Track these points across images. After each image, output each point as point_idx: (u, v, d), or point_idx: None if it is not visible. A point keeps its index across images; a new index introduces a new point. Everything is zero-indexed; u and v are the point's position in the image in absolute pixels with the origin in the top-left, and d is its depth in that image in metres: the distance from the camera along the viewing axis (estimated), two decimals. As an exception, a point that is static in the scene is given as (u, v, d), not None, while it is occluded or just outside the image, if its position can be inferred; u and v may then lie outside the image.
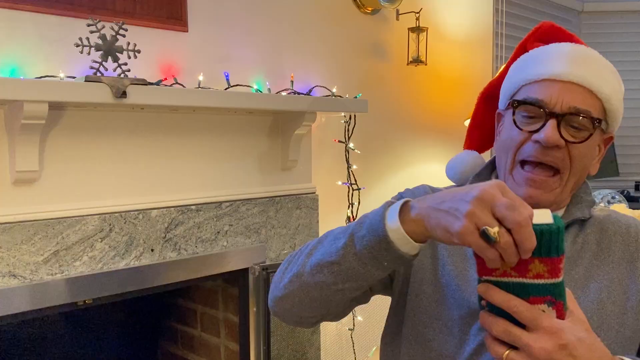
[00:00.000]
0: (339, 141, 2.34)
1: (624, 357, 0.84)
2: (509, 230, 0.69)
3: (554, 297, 0.77)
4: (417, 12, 2.59)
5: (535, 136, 0.95)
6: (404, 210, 0.79)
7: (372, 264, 0.81)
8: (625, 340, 0.93)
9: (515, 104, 0.99)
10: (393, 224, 0.78)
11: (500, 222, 0.69)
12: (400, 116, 2.72)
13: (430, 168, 2.90)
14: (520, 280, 0.76)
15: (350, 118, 2.33)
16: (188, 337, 2.30)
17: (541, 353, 0.74)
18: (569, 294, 0.79)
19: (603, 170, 3.59)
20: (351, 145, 2.34)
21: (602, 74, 0.97)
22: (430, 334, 0.96)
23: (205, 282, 2.11)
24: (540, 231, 0.72)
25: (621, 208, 3.03)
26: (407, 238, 0.77)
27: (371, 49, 2.57)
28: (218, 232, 1.91)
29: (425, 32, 2.61)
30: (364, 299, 1.05)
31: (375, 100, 2.49)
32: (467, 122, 2.60)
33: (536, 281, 0.75)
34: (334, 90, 2.16)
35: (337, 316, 1.01)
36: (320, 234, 2.24)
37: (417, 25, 2.60)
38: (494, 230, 0.69)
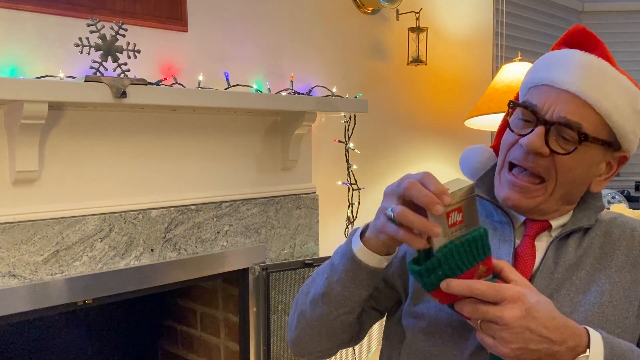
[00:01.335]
0: (339, 141, 2.34)
1: (587, 327, 0.85)
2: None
3: None
4: (417, 12, 2.59)
5: (521, 140, 0.95)
6: (365, 231, 0.89)
7: (352, 285, 0.90)
8: None
9: (511, 105, 1.00)
10: (357, 245, 0.88)
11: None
12: (400, 116, 2.72)
13: (430, 168, 2.90)
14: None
15: (350, 118, 2.33)
16: (188, 337, 2.30)
17: (513, 321, 0.79)
18: (508, 265, 0.87)
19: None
20: (351, 145, 2.34)
21: (605, 87, 0.94)
22: (430, 341, 0.96)
23: (205, 282, 2.11)
24: (473, 239, 0.81)
25: (621, 208, 3.03)
26: (372, 254, 0.87)
27: (371, 49, 2.57)
28: (218, 232, 1.92)
29: (425, 32, 2.60)
30: (380, 317, 1.09)
31: (375, 100, 2.49)
32: (467, 122, 2.61)
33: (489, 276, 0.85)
34: (334, 90, 2.16)
35: (352, 340, 1.05)
36: (320, 234, 2.25)
37: (417, 25, 2.59)
38: (388, 210, 0.80)
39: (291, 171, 2.14)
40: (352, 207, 2.35)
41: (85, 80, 1.46)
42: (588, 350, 0.82)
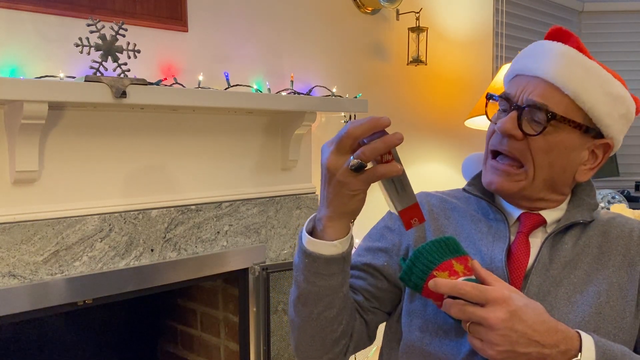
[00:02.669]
0: (339, 141, 2.34)
1: (579, 331, 0.85)
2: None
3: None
4: (417, 12, 2.59)
5: (495, 126, 1.00)
6: (315, 227, 0.90)
7: (316, 279, 0.90)
8: (622, 344, 0.93)
9: (488, 97, 1.04)
10: (305, 239, 0.89)
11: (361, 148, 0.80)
12: (400, 116, 2.72)
13: (430, 168, 2.90)
14: (464, 280, 0.86)
15: (350, 118, 2.33)
16: (188, 337, 2.30)
17: (497, 322, 0.80)
18: (494, 276, 0.88)
19: (603, 170, 3.59)
20: (351, 145, 2.34)
21: (572, 70, 0.96)
22: (427, 338, 0.97)
23: (205, 282, 2.11)
24: (440, 239, 0.89)
25: (621, 208, 3.03)
26: (321, 242, 0.87)
27: (371, 49, 2.57)
28: (218, 232, 1.91)
29: (425, 32, 2.60)
30: (388, 318, 1.08)
31: (375, 100, 2.49)
32: (467, 122, 2.60)
33: (469, 275, 0.88)
34: (334, 90, 2.16)
35: (361, 341, 1.04)
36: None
37: (417, 25, 2.59)
38: (351, 160, 0.80)
39: (291, 171, 2.14)
40: (352, 207, 2.35)
41: (85, 80, 1.46)
42: (580, 354, 0.82)
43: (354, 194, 0.83)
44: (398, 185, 0.83)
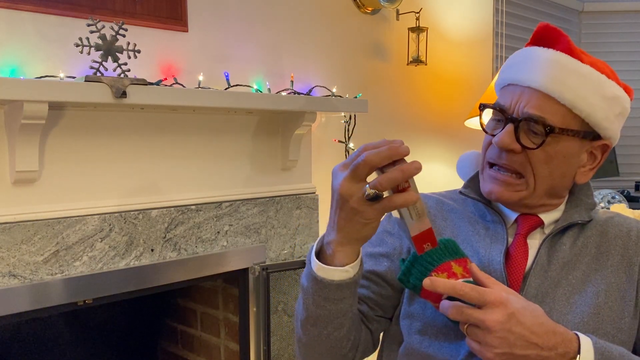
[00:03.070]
0: (339, 141, 2.34)
1: (578, 333, 0.85)
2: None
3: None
4: (417, 12, 2.59)
5: (493, 139, 0.98)
6: (323, 249, 0.87)
7: (326, 303, 0.89)
8: (621, 345, 0.92)
9: (481, 107, 1.03)
10: (315, 265, 0.87)
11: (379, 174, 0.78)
12: (400, 116, 2.72)
13: (430, 168, 2.90)
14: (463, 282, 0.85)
15: (350, 118, 2.33)
16: (188, 337, 2.30)
17: (494, 324, 0.79)
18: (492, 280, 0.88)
19: (603, 170, 3.58)
20: (351, 145, 2.34)
21: (565, 79, 0.94)
22: (426, 340, 0.97)
23: (205, 282, 2.11)
24: (443, 241, 0.88)
25: (621, 208, 3.03)
26: (332, 268, 0.85)
27: (371, 49, 2.57)
28: (218, 232, 1.91)
29: (425, 32, 2.60)
30: (387, 324, 1.08)
31: (375, 100, 2.49)
32: (467, 122, 2.60)
33: (468, 277, 0.87)
34: (334, 90, 2.16)
35: (367, 350, 1.04)
36: (321, 234, 2.24)
37: (417, 25, 2.59)
38: (367, 188, 0.77)
39: (291, 171, 2.14)
40: (352, 207, 2.34)
41: (85, 80, 1.46)
42: (578, 356, 0.82)
43: (367, 222, 0.81)
44: (413, 211, 0.82)
